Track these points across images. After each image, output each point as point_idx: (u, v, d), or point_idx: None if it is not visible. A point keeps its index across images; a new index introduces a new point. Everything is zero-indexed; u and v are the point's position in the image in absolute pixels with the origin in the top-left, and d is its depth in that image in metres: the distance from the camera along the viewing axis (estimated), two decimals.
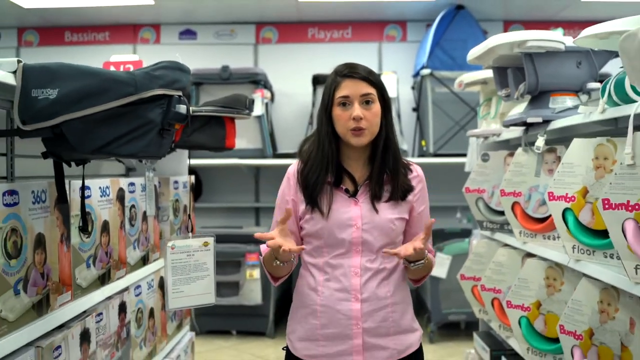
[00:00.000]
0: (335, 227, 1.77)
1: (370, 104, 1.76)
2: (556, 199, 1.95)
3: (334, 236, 1.78)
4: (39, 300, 1.58)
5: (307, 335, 1.82)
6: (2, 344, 1.40)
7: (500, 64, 2.35)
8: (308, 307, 1.82)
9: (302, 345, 1.83)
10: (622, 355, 1.74)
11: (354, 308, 1.76)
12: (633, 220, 1.54)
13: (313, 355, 1.81)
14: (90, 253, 1.90)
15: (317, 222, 1.79)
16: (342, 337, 1.77)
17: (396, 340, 1.80)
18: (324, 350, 1.79)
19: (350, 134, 1.76)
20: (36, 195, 1.58)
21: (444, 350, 4.49)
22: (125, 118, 1.43)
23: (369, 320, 1.77)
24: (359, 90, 1.75)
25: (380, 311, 1.78)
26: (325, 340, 1.79)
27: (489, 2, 5.37)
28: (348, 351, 1.77)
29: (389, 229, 1.78)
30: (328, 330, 1.78)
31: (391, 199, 1.79)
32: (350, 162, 1.84)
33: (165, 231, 2.69)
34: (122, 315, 2.17)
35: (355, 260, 1.78)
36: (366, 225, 1.77)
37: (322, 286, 1.80)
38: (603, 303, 1.82)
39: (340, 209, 1.78)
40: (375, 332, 1.78)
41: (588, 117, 1.85)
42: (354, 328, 1.76)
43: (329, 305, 1.78)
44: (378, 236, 1.78)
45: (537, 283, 2.27)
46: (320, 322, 1.80)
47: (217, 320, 4.83)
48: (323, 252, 1.81)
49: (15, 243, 1.46)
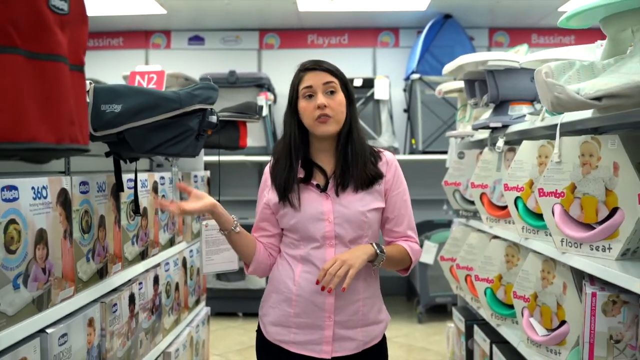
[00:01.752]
0: (308, 222, 1.80)
1: (334, 93, 1.79)
2: (510, 190, 2.41)
3: (307, 231, 1.81)
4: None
5: (280, 321, 1.86)
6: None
7: (469, 77, 2.81)
8: (283, 294, 1.86)
9: (274, 330, 1.87)
10: (557, 312, 2.20)
11: (328, 302, 1.80)
12: (560, 205, 2.00)
13: (284, 341, 1.85)
14: (134, 233, 2.35)
15: (290, 217, 1.83)
16: (314, 327, 1.82)
17: (364, 332, 1.85)
18: (295, 338, 1.83)
19: (316, 124, 1.78)
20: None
21: (431, 329, 4.95)
22: (171, 126, 1.88)
23: (341, 313, 1.81)
24: (322, 79, 1.79)
25: (352, 305, 1.82)
26: (297, 328, 1.83)
27: (475, 11, 5.80)
28: (318, 341, 1.82)
29: (360, 221, 1.80)
30: (301, 319, 1.82)
31: (358, 189, 1.81)
32: (320, 155, 1.86)
33: (187, 218, 3.14)
34: (155, 287, 2.62)
35: (329, 253, 1.80)
36: (338, 219, 1.79)
37: (300, 277, 1.84)
38: (544, 272, 2.27)
39: (312, 204, 1.81)
40: (345, 324, 1.82)
41: (533, 123, 2.31)
42: (326, 320, 1.81)
43: (304, 296, 1.82)
44: (350, 229, 1.80)
45: (499, 260, 2.73)
46: (294, 311, 1.83)
47: (225, 303, 5.28)
48: (300, 245, 1.85)
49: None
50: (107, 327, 2.02)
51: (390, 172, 1.87)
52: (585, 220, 1.92)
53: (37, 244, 1.58)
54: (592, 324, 1.75)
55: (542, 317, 2.29)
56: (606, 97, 1.36)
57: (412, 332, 4.86)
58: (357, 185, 1.80)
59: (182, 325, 3.06)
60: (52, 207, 1.66)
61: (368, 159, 1.84)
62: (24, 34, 0.89)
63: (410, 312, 5.45)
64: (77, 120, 1.05)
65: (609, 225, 1.83)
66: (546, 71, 1.52)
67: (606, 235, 1.84)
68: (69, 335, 1.74)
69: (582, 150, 1.91)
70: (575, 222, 1.95)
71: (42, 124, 0.92)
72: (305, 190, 1.83)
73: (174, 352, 2.84)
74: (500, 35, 6.35)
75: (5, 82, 0.86)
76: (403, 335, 4.73)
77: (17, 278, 1.49)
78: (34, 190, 1.57)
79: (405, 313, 5.40)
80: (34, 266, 1.56)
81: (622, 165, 1.79)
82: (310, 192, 1.83)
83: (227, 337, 4.78)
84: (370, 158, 1.84)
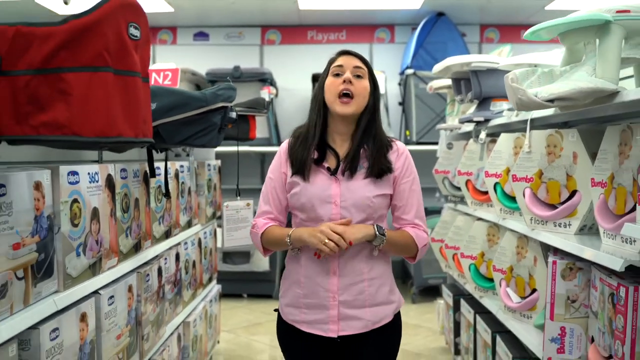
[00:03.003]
0: (316, 204, 1.86)
1: (361, 78, 1.87)
2: (490, 176, 2.74)
3: (314, 212, 1.87)
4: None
5: (292, 302, 1.95)
6: (113, 271, 2.16)
7: (456, 76, 3.13)
8: (293, 277, 1.95)
9: (287, 311, 1.97)
10: (529, 282, 2.54)
11: (332, 282, 1.87)
12: (529, 189, 2.33)
13: (296, 321, 1.94)
14: (160, 214, 2.68)
15: (300, 197, 1.89)
16: (320, 307, 1.89)
17: (372, 312, 1.89)
18: (305, 317, 1.91)
19: (337, 102, 1.84)
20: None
21: (424, 309, 5.30)
22: (198, 122, 2.21)
23: (345, 293, 1.87)
24: (353, 63, 1.87)
25: (356, 285, 1.88)
26: (306, 308, 1.91)
27: (466, 9, 6.10)
28: (325, 320, 1.88)
29: (365, 205, 1.85)
30: (309, 300, 1.90)
31: (368, 176, 1.87)
32: (336, 138, 1.91)
33: (202, 203, 3.47)
34: (177, 263, 2.96)
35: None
36: (344, 202, 1.85)
37: (305, 259, 1.91)
38: (519, 247, 2.61)
39: (321, 186, 1.86)
40: (351, 304, 1.87)
41: (510, 118, 2.64)
42: (330, 300, 1.87)
43: (310, 278, 1.90)
44: (355, 212, 1.85)
45: (481, 239, 3.07)
46: (303, 292, 1.91)
47: (230, 285, 5.61)
48: (307, 226, 1.90)
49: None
50: (142, 293, 2.35)
51: (400, 161, 1.92)
52: (550, 201, 2.25)
53: (92, 220, 1.91)
54: (553, 287, 2.09)
55: (516, 287, 2.63)
56: (557, 100, 1.69)
57: (407, 311, 5.20)
58: (367, 173, 1.86)
59: (198, 299, 3.40)
60: (102, 190, 1.98)
61: (383, 150, 1.89)
62: (113, 57, 1.21)
63: (404, 293, 5.79)
64: (147, 120, 1.38)
65: (569, 205, 2.16)
66: (512, 77, 1.85)
67: (567, 213, 2.18)
68: (115, 297, 2.07)
69: (547, 142, 2.25)
70: (542, 203, 2.29)
71: (126, 123, 1.25)
72: (316, 171, 1.88)
73: (192, 322, 3.18)
74: (490, 31, 6.65)
75: (101, 92, 1.18)
76: None
77: (78, 247, 1.82)
78: (89, 175, 1.89)
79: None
80: (90, 238, 1.89)
81: (580, 155, 2.12)
82: (321, 175, 1.88)
83: (234, 315, 5.12)
84: (384, 149, 1.89)
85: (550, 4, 5.72)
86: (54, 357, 1.64)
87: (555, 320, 2.09)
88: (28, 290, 1.55)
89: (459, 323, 3.60)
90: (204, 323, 3.48)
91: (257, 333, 4.65)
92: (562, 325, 2.09)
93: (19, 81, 1.17)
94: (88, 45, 1.18)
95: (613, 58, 1.70)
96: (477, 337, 3.16)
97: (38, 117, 1.18)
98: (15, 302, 1.49)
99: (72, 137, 1.19)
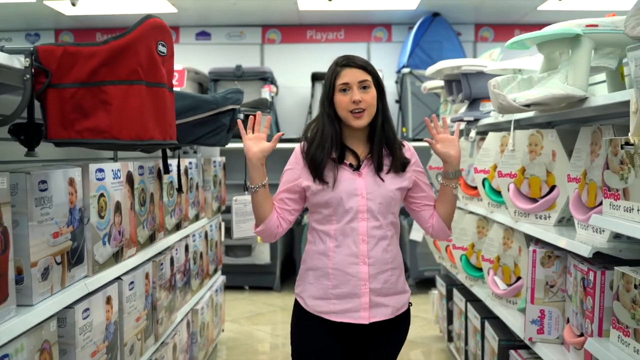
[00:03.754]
0: (344, 197, 1.94)
1: (367, 89, 1.93)
2: (478, 172, 2.94)
3: (342, 205, 1.94)
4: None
5: (320, 295, 1.98)
6: (129, 261, 2.36)
7: (448, 78, 3.33)
8: (320, 270, 1.99)
9: (314, 303, 1.99)
10: (514, 270, 2.75)
11: (363, 270, 1.94)
12: (513, 184, 2.54)
13: (325, 312, 1.98)
14: (172, 208, 2.88)
15: (326, 193, 1.95)
16: (352, 296, 1.95)
17: (395, 300, 2.00)
18: (335, 308, 1.96)
19: (351, 116, 1.93)
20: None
21: (420, 300, 5.50)
22: (209, 123, 2.40)
23: (375, 281, 1.96)
24: (357, 77, 1.92)
25: (383, 274, 1.97)
26: (336, 298, 1.96)
27: (461, 9, 6.28)
28: (356, 308, 1.95)
29: (389, 197, 1.97)
30: (339, 290, 1.96)
31: (391, 170, 1.98)
32: (352, 141, 2.01)
33: (208, 197, 3.68)
34: (186, 253, 3.16)
35: (361, 226, 1.94)
36: (370, 194, 1.95)
37: (333, 252, 1.96)
38: (505, 238, 2.82)
39: (346, 181, 1.95)
40: (380, 292, 1.97)
41: (497, 118, 2.84)
42: (362, 288, 1.94)
43: (339, 269, 1.95)
44: (380, 204, 1.96)
45: (471, 231, 3.28)
46: (332, 283, 1.96)
47: (233, 277, 5.79)
48: (332, 220, 1.97)
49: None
50: (157, 281, 2.56)
51: (414, 158, 2.07)
52: (532, 195, 2.46)
53: (115, 212, 2.11)
54: (533, 274, 2.29)
55: (503, 275, 2.84)
56: (533, 104, 1.89)
57: None
58: (392, 168, 1.99)
59: (205, 289, 3.61)
60: (123, 185, 2.18)
61: (398, 147, 2.02)
62: (145, 71, 1.41)
63: None
64: (172, 124, 1.58)
65: (548, 199, 2.37)
66: (494, 84, 2.05)
67: (547, 206, 2.38)
68: (134, 283, 2.28)
69: (529, 141, 2.45)
70: (525, 197, 2.49)
71: (156, 128, 1.45)
72: (340, 169, 1.97)
73: (200, 309, 3.39)
74: (485, 30, 6.85)
75: (136, 102, 1.38)
76: None
77: (104, 237, 2.02)
78: (113, 172, 2.10)
79: None
80: (113, 229, 2.10)
81: (558, 153, 2.33)
82: (345, 171, 1.97)
83: (237, 306, 5.33)
84: (397, 146, 2.02)
85: (542, 5, 5.92)
86: (86, 334, 1.84)
87: (536, 303, 2.30)
88: (64, 274, 1.75)
89: (452, 311, 3.81)
90: (211, 311, 3.69)
91: (259, 323, 4.86)
92: (542, 308, 2.30)
93: (66, 93, 1.37)
94: (125, 62, 1.38)
95: (583, 67, 1.91)
96: (468, 323, 3.37)
97: (82, 123, 1.38)
98: (55, 284, 1.69)
99: (112, 141, 1.40)
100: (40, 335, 1.58)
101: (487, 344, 2.96)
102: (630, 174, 1.64)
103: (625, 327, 1.72)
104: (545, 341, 2.31)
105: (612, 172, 1.73)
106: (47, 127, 1.42)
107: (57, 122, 1.38)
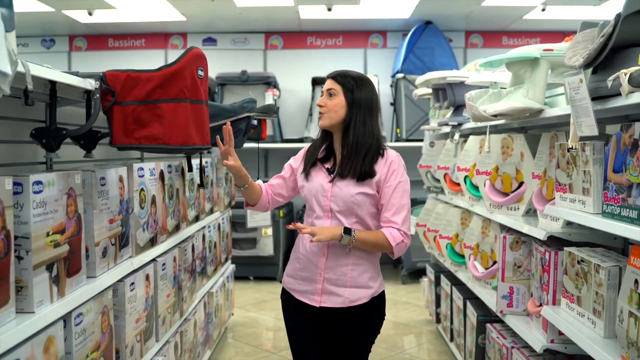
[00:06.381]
0: (315, 195, 2.23)
1: (332, 96, 2.19)
2: (461, 170, 3.36)
3: (312, 202, 2.25)
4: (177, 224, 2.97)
5: (291, 273, 2.33)
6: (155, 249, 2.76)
7: (435, 87, 3.74)
8: (295, 253, 2.34)
9: (287, 280, 2.35)
10: (491, 255, 3.16)
11: (321, 261, 2.23)
12: (489, 181, 2.95)
13: (292, 289, 2.32)
14: (193, 202, 3.29)
15: (305, 189, 2.28)
16: (310, 280, 2.25)
17: (350, 292, 2.22)
18: (299, 287, 2.29)
19: (319, 118, 2.24)
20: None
21: (412, 289, 5.93)
22: None
23: (330, 272, 2.22)
24: (327, 85, 2.21)
25: (340, 268, 2.21)
26: (301, 279, 2.28)
27: (452, 18, 6.68)
28: (312, 291, 2.25)
29: (349, 201, 2.18)
30: (303, 273, 2.27)
31: (352, 178, 2.18)
32: (336, 145, 2.26)
33: (221, 193, 4.08)
34: (203, 242, 3.57)
35: (326, 223, 2.21)
36: (333, 197, 2.20)
37: (305, 240, 2.27)
38: (483, 227, 3.23)
39: (320, 182, 2.23)
40: (334, 282, 2.22)
41: (476, 124, 3.25)
42: (318, 276, 2.23)
43: (306, 256, 2.26)
44: (342, 205, 2.19)
45: (456, 222, 3.69)
46: (300, 266, 2.28)
47: (239, 268, 6.17)
48: (310, 214, 2.29)
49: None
50: (182, 264, 2.96)
51: (386, 167, 2.18)
52: (504, 190, 2.87)
53: (152, 205, 2.51)
54: (504, 256, 2.70)
55: (482, 260, 3.25)
56: (499, 115, 2.31)
57: (397, 291, 5.84)
58: (355, 176, 2.17)
59: (218, 275, 4.01)
60: (157, 181, 2.59)
61: (367, 156, 2.16)
62: (189, 91, 1.82)
63: (395, 275, 6.43)
64: (208, 132, 1.99)
65: (517, 193, 2.78)
66: (469, 97, 2.46)
67: (516, 200, 2.80)
68: (166, 264, 2.68)
69: (502, 143, 2.86)
70: (498, 192, 2.90)
71: (197, 135, 1.86)
72: (318, 169, 2.26)
73: (215, 292, 3.79)
74: (475, 37, 7.25)
75: (183, 116, 1.79)
76: (390, 293, 5.69)
77: (144, 225, 2.43)
78: (149, 170, 2.50)
79: (392, 277, 6.38)
80: (150, 218, 2.50)
81: (526, 154, 2.74)
82: (321, 172, 2.26)
83: (244, 294, 5.74)
84: (370, 156, 2.17)
85: (527, 14, 6.33)
86: (132, 304, 2.25)
87: (505, 282, 2.72)
88: (117, 254, 2.15)
89: (439, 295, 4.22)
90: (223, 295, 4.10)
91: (264, 309, 5.27)
92: (511, 285, 2.71)
93: (128, 109, 1.77)
94: (175, 85, 1.78)
95: (541, 84, 2.32)
96: (453, 304, 3.78)
97: (140, 132, 1.78)
98: (110, 261, 2.10)
99: (164, 146, 1.80)
100: (102, 300, 1.98)
101: (468, 321, 3.38)
102: (573, 172, 2.06)
103: (572, 296, 2.13)
104: (513, 313, 2.73)
105: (562, 170, 2.14)
106: (112, 135, 1.83)
107: (121, 131, 1.78)
